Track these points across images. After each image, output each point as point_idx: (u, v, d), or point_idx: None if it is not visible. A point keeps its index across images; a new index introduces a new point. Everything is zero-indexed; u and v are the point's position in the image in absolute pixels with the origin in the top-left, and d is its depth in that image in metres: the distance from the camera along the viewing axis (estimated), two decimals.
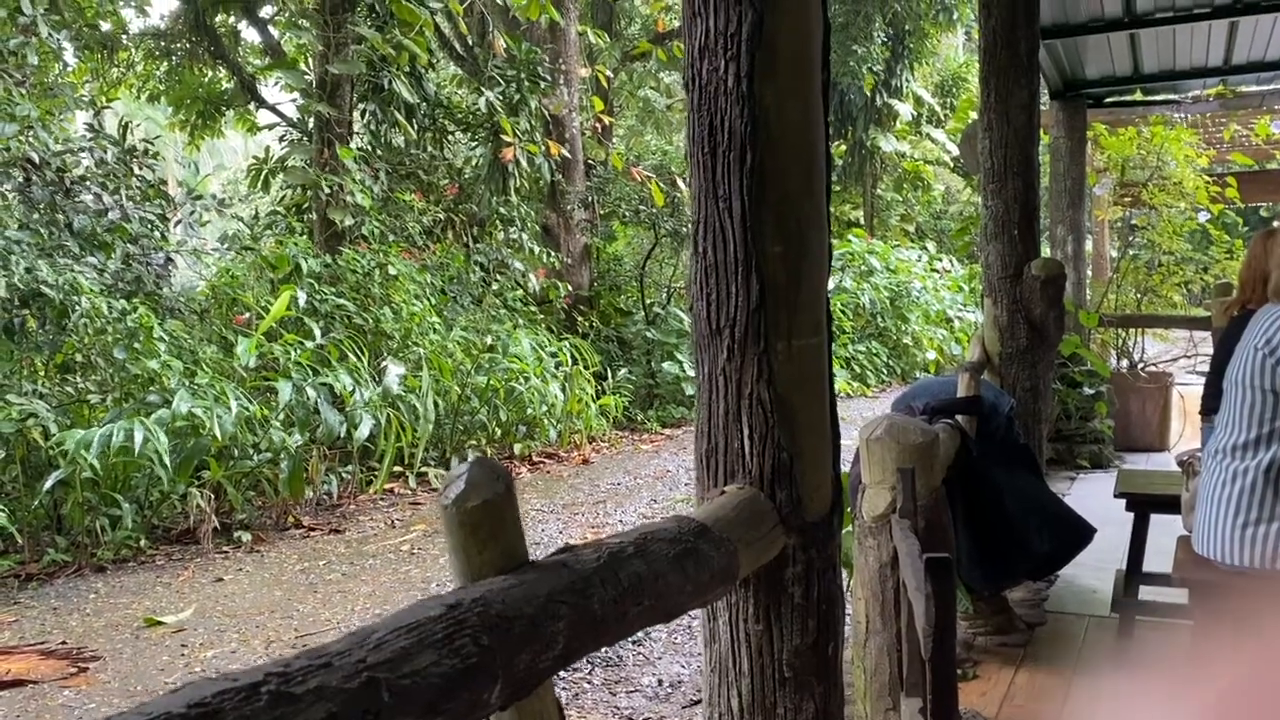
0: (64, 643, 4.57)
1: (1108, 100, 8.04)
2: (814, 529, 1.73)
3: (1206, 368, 5.04)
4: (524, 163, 11.29)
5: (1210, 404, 4.04)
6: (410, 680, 0.79)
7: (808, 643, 1.71)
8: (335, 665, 0.74)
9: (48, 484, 5.84)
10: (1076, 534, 3.45)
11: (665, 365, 11.33)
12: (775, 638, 1.71)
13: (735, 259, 1.69)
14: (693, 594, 1.33)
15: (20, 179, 7.80)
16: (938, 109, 20.35)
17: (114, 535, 6.06)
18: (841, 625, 1.83)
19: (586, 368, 10.15)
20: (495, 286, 10.66)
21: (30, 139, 7.84)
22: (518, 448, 9.01)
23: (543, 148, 11.45)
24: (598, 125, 13.24)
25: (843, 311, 13.92)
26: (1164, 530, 3.55)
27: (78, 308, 6.81)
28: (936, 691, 1.93)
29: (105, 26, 13.03)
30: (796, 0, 1.67)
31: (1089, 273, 9.11)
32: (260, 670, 0.71)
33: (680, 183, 12.17)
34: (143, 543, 6.14)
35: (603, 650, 3.34)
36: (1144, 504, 3.69)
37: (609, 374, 10.99)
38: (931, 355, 14.72)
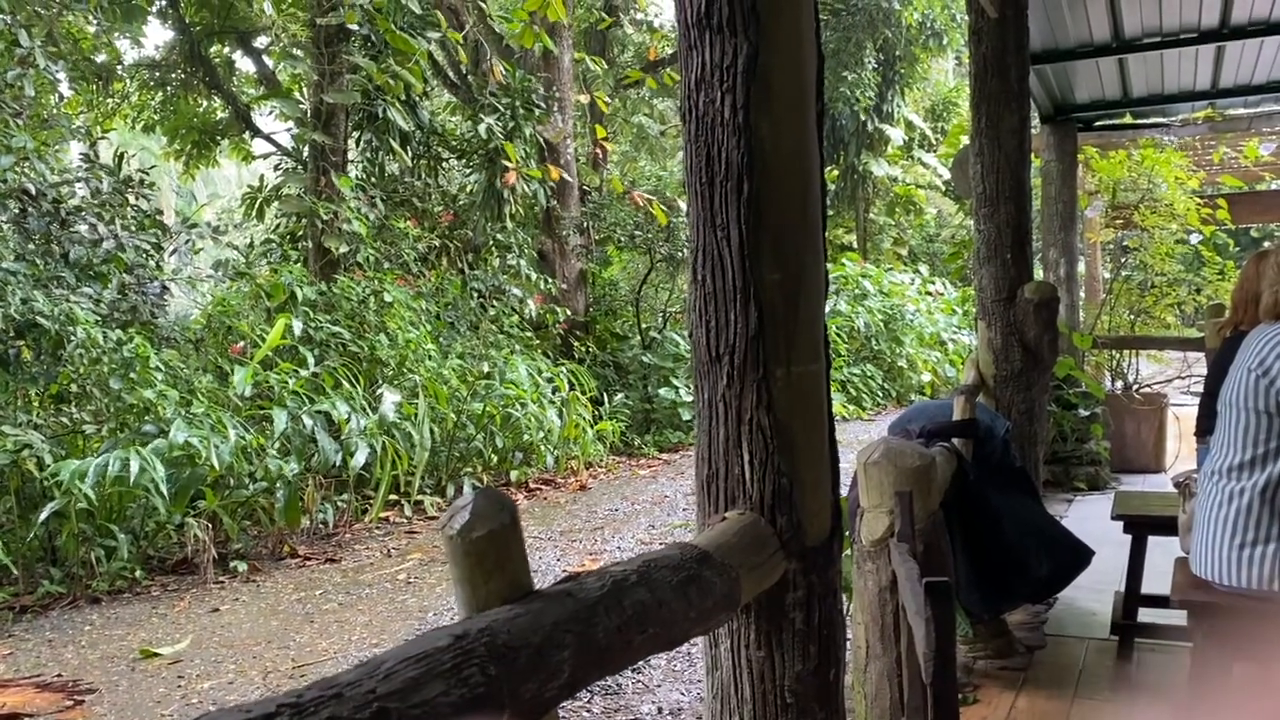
0: (59, 675, 4.54)
1: (1098, 124, 8.11)
2: (814, 554, 1.73)
3: (1201, 388, 5.06)
4: (519, 189, 11.36)
5: (1205, 425, 4.06)
6: (420, 710, 0.79)
7: (809, 668, 1.72)
8: (346, 696, 0.75)
9: (43, 515, 5.82)
10: (1075, 556, 3.45)
11: (662, 390, 11.34)
12: (777, 664, 1.71)
13: (733, 287, 1.70)
14: (696, 621, 1.33)
15: (16, 210, 7.81)
16: (929, 133, 20.50)
17: (109, 566, 6.03)
18: (843, 650, 1.83)
19: (583, 393, 10.16)
20: (492, 312, 10.68)
21: (26, 170, 7.87)
22: (514, 474, 8.99)
23: (544, 173, 11.55)
24: (599, 152, 13.36)
25: (837, 335, 13.96)
26: (1162, 551, 3.56)
27: (73, 338, 6.81)
28: (939, 716, 1.94)
29: (100, 58, 13.09)
30: (790, 33, 1.70)
31: (1082, 294, 9.16)
32: (272, 701, 0.72)
33: (681, 203, 12.23)
34: (138, 574, 6.11)
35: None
36: (1142, 526, 3.70)
37: (605, 399, 11.00)
38: (926, 377, 14.75)
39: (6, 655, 4.88)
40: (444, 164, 12.40)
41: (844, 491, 3.52)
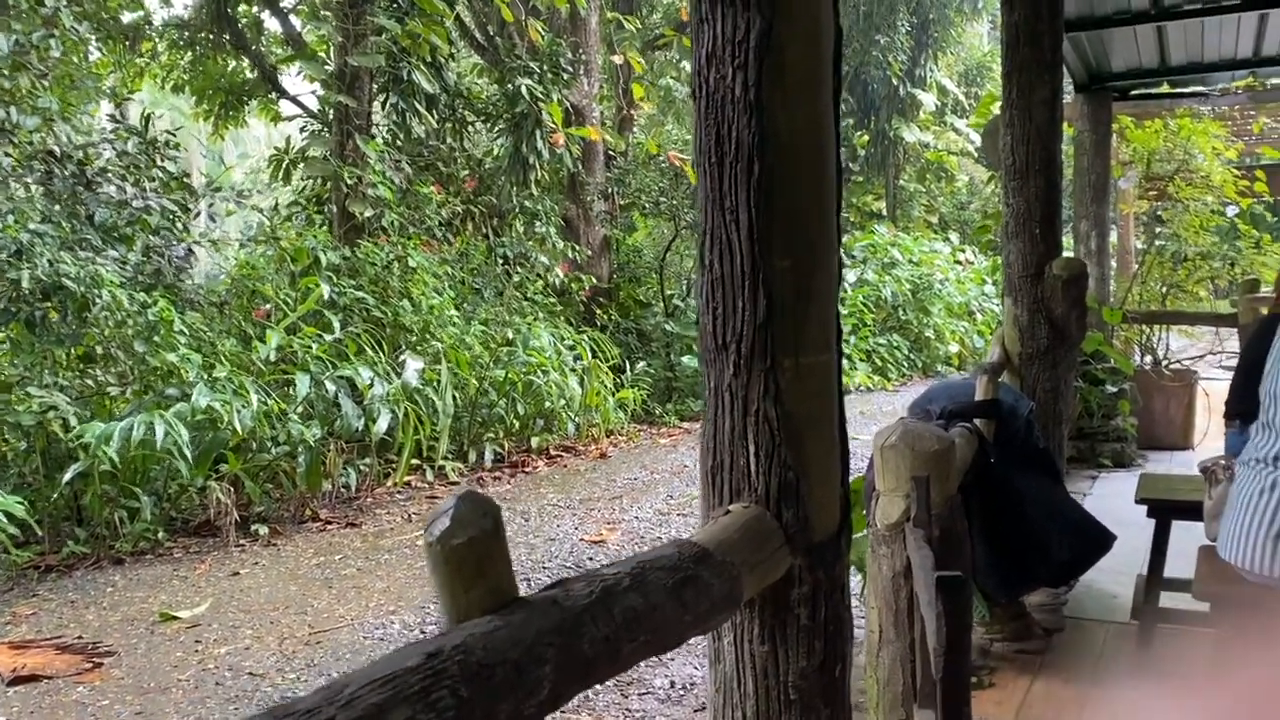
0: (80, 637, 4.60)
1: (1134, 93, 7.90)
2: (821, 549, 1.69)
3: (1233, 363, 4.93)
4: (545, 154, 11.28)
5: (1236, 408, 3.96)
6: None
7: (814, 665, 1.68)
8: None
9: (67, 476, 5.88)
10: (1096, 541, 3.39)
11: (684, 358, 11.29)
12: (781, 659, 1.67)
13: (742, 272, 1.65)
14: (692, 624, 1.30)
15: (42, 171, 7.83)
16: (962, 99, 20.15)
17: (132, 528, 6.09)
18: (849, 645, 1.79)
19: (605, 361, 10.13)
20: (516, 279, 10.65)
21: (52, 131, 7.88)
22: (535, 441, 9.00)
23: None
24: (631, 114, 13.26)
25: (864, 304, 13.83)
26: (1186, 532, 3.49)
27: (98, 300, 6.83)
28: (948, 712, 1.90)
29: (128, 18, 13.07)
30: (806, 7, 1.63)
31: (1113, 265, 8.99)
32: None
33: None
34: (161, 535, 6.18)
35: None
36: (1166, 510, 3.62)
37: (628, 367, 10.97)
38: (954, 348, 14.60)
39: (30, 615, 4.95)
40: (470, 127, 12.32)
41: (861, 472, 3.47)
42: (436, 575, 0.99)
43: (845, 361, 12.61)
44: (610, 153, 13.09)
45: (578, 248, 11.88)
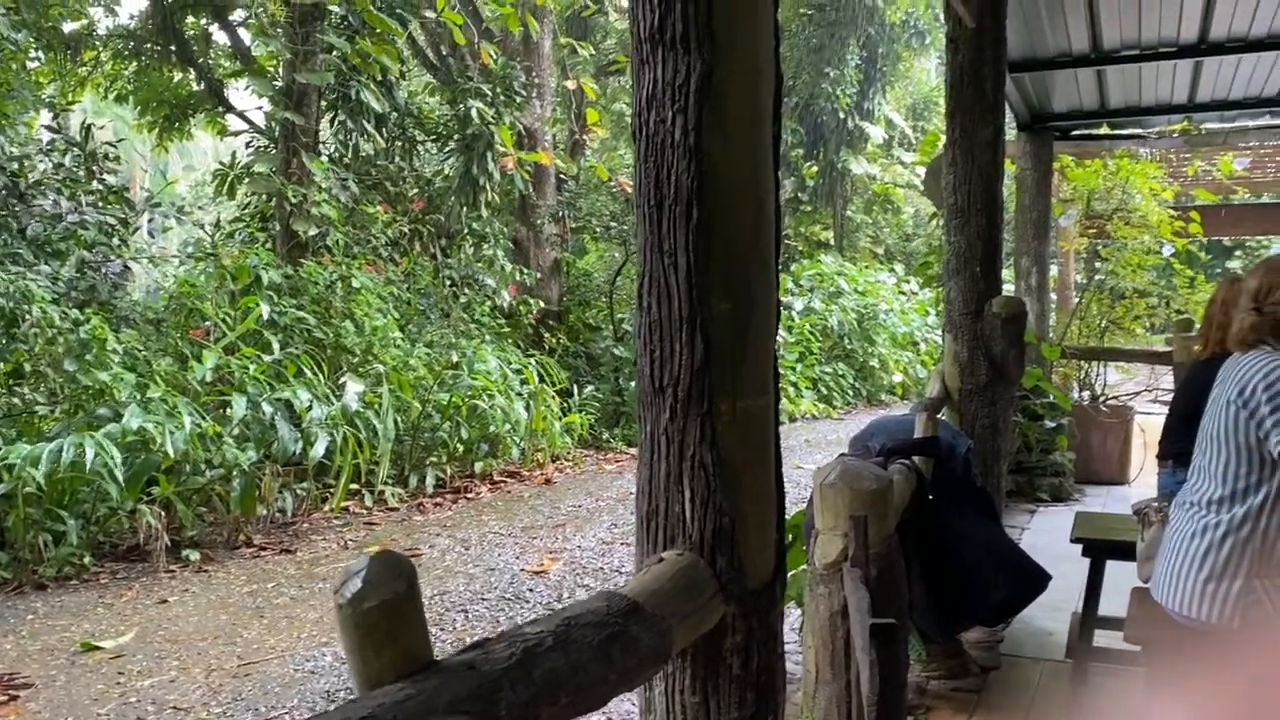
0: None
1: (1074, 133, 8.09)
2: (755, 597, 1.67)
3: (1169, 399, 5.02)
4: (496, 175, 11.23)
5: (1170, 449, 4.02)
6: None
7: (745, 715, 1.65)
8: None
9: None
10: (1031, 581, 3.40)
11: (633, 384, 11.25)
12: (712, 710, 1.64)
13: (680, 316, 1.63)
14: (618, 682, 1.26)
15: None
16: (909, 132, 20.48)
17: (57, 552, 5.90)
18: (782, 695, 1.76)
19: (552, 385, 10.06)
20: (464, 300, 10.56)
21: None
22: (479, 466, 8.90)
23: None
24: (584, 139, 13.28)
25: (811, 333, 13.94)
26: (1122, 570, 3.52)
27: (28, 316, 6.65)
28: None
29: (69, 27, 12.82)
30: (747, 52, 1.62)
31: (1054, 298, 9.15)
32: None
33: None
34: (87, 560, 5.98)
35: None
36: (1101, 550, 3.66)
37: (575, 391, 10.91)
38: (898, 378, 14.75)
39: None
40: (419, 147, 12.23)
41: (802, 506, 3.46)
42: (347, 639, 0.95)
43: (792, 389, 12.71)
44: (562, 176, 13.08)
45: (527, 270, 11.83)
